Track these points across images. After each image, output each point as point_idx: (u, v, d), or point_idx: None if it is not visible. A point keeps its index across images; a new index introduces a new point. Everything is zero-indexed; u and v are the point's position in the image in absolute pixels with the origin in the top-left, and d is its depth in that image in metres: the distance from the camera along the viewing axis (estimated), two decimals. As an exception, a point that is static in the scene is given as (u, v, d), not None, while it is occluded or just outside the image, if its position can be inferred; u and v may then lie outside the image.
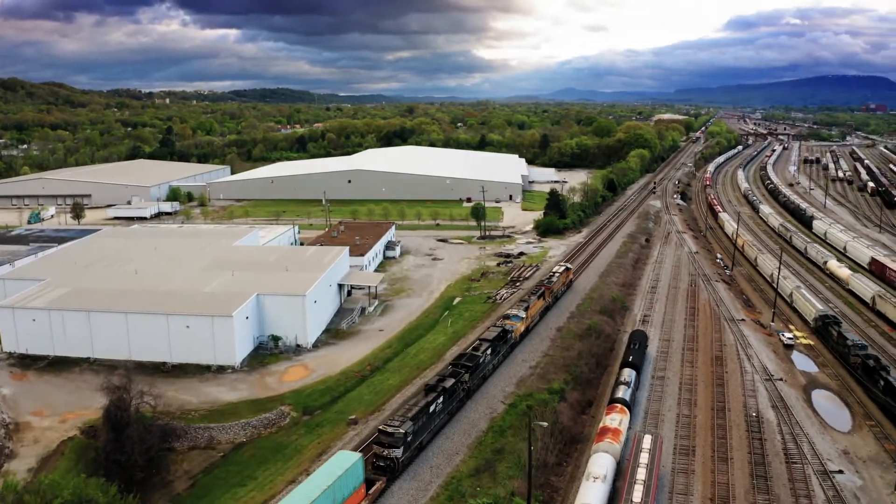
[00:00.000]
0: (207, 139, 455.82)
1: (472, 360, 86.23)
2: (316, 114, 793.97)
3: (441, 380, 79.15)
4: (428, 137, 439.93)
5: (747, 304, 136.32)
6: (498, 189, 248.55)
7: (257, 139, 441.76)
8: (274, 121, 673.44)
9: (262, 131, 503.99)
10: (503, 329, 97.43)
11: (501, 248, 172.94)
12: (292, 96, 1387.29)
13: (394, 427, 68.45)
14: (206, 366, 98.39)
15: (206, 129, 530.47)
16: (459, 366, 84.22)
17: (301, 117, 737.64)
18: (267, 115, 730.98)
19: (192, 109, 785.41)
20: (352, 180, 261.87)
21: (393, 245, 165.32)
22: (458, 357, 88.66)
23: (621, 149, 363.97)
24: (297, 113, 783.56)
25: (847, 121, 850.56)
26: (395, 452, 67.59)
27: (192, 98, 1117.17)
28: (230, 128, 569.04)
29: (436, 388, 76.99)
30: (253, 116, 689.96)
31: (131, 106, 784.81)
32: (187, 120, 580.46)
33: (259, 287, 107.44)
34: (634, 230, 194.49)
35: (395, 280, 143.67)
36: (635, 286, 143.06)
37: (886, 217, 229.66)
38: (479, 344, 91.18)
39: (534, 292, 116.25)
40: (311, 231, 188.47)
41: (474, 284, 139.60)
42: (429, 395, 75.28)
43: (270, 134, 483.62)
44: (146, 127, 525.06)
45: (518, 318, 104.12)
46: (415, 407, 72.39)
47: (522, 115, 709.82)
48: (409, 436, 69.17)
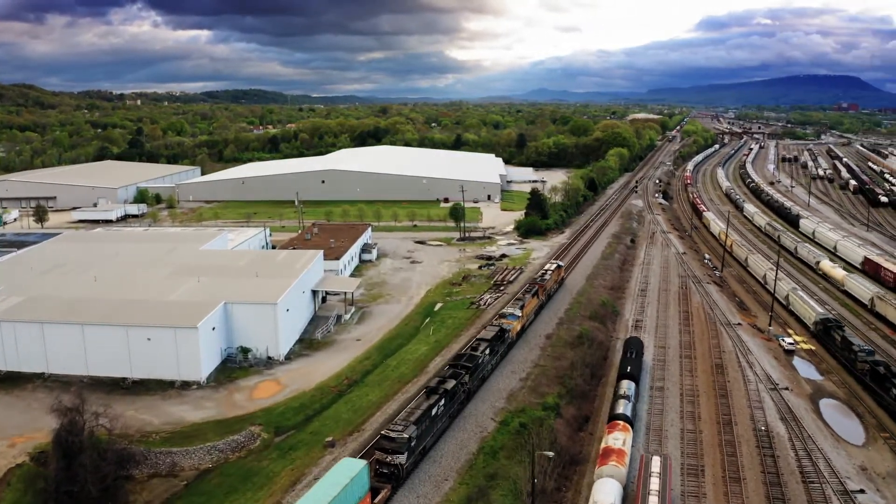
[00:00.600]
0: (178, 140, 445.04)
1: (472, 361, 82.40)
2: (289, 114, 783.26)
3: (442, 381, 75.30)
4: (402, 137, 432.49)
5: (741, 306, 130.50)
6: (476, 189, 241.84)
7: (229, 139, 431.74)
8: (246, 121, 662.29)
9: (233, 132, 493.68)
10: (501, 328, 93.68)
11: (482, 250, 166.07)
12: (265, 97, 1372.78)
13: (397, 432, 64.83)
14: (170, 381, 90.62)
15: (176, 130, 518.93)
16: (459, 366, 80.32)
17: (274, 118, 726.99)
18: (239, 116, 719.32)
19: (163, 111, 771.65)
20: (325, 180, 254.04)
21: (369, 248, 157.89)
22: (457, 357, 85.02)
23: (599, 147, 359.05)
24: (269, 114, 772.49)
25: (821, 120, 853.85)
26: (399, 459, 63.86)
27: (163, 99, 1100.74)
28: (202, 129, 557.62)
29: (437, 390, 73.10)
30: (225, 117, 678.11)
31: (102, 107, 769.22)
32: (158, 121, 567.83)
33: (227, 295, 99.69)
34: (619, 230, 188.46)
35: (372, 285, 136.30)
36: (624, 289, 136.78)
37: (872, 215, 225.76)
38: (478, 344, 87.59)
39: (528, 290, 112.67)
40: (283, 233, 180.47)
41: (456, 289, 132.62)
42: (430, 398, 71.42)
43: (242, 134, 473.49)
44: (116, 128, 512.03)
45: (514, 317, 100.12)
46: (417, 410, 68.66)
47: (497, 115, 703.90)
48: (413, 441, 65.50)
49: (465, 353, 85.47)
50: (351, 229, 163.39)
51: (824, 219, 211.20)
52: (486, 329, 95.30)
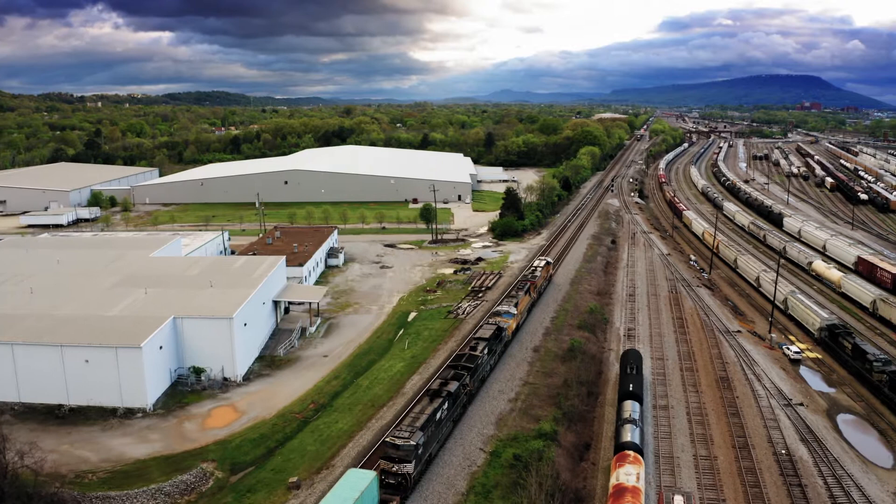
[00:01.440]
0: (137, 141, 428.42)
1: (473, 361, 77.96)
2: (251, 116, 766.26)
3: (444, 383, 70.86)
4: (368, 137, 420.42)
5: (736, 311, 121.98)
6: (446, 189, 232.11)
7: (189, 140, 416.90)
8: (208, 123, 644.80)
9: (194, 133, 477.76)
10: (497, 327, 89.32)
11: (457, 254, 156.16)
12: (228, 99, 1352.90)
13: (403, 439, 60.18)
14: (112, 409, 79.41)
15: (136, 132, 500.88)
16: (459, 367, 75.91)
17: (236, 119, 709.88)
18: (201, 118, 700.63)
19: (124, 112, 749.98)
20: (288, 181, 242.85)
21: (336, 252, 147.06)
22: (457, 357, 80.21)
23: (570, 146, 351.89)
24: (232, 115, 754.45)
25: (785, 119, 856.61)
26: (407, 468, 59.38)
27: (125, 102, 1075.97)
28: (162, 130, 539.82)
29: (440, 392, 68.78)
30: (186, 119, 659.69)
31: (62, 109, 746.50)
32: (118, 122, 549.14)
33: (177, 308, 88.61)
34: (598, 231, 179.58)
35: (339, 293, 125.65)
36: (611, 294, 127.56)
37: (853, 213, 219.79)
38: (476, 343, 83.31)
39: (520, 287, 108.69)
40: (243, 237, 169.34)
41: (430, 296, 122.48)
42: (434, 401, 67.02)
43: (203, 135, 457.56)
44: (75, 130, 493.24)
45: (510, 315, 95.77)
46: (422, 415, 64.00)
47: (462, 115, 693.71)
48: (420, 448, 60.94)
49: (464, 354, 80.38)
50: (316, 232, 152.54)
51: (807, 217, 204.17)
52: (482, 328, 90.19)
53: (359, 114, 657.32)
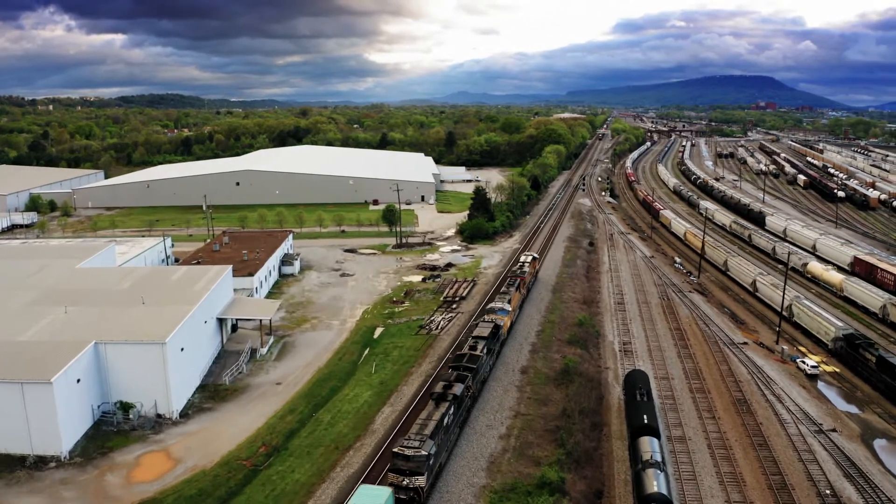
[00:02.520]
0: (85, 143, 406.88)
1: (475, 361, 72.33)
2: (205, 118, 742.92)
3: (448, 386, 65.32)
4: (324, 137, 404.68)
5: (734, 319, 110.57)
6: (409, 189, 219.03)
7: (139, 142, 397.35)
8: (160, 125, 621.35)
9: (144, 134, 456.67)
10: (495, 324, 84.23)
11: (424, 259, 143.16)
12: (182, 102, 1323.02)
13: (413, 448, 54.61)
14: (20, 457, 65.07)
15: (85, 134, 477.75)
16: (461, 368, 70.24)
17: (189, 121, 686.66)
18: (153, 120, 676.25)
19: (75, 115, 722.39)
20: (240, 182, 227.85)
21: (291, 259, 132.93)
22: (458, 358, 73.91)
23: (534, 145, 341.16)
24: (185, 117, 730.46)
25: (743, 118, 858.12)
26: (419, 481, 53.58)
27: (77, 105, 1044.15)
28: (112, 132, 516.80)
29: (445, 396, 63.38)
30: (138, 121, 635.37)
31: (11, 112, 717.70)
32: (67, 124, 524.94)
33: (100, 331, 74.28)
34: (573, 232, 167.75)
35: (295, 306, 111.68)
36: (598, 302, 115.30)
37: (836, 211, 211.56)
38: (475, 342, 77.78)
39: (510, 284, 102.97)
40: (190, 243, 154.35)
41: (398, 308, 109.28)
42: (440, 406, 61.69)
43: (154, 136, 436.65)
44: (22, 133, 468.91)
45: (504, 312, 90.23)
46: (430, 421, 58.66)
47: (421, 115, 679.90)
48: (432, 458, 55.24)
49: (464, 353, 74.52)
50: (269, 237, 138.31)
51: (790, 216, 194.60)
52: (478, 326, 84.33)
53: (315, 115, 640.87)
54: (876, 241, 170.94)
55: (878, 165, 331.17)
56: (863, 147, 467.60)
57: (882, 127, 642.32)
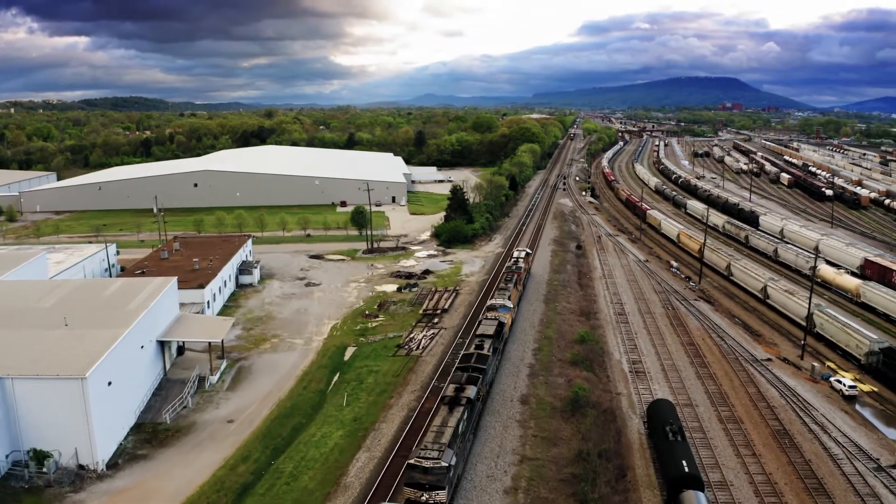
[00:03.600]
0: (41, 145, 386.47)
1: (484, 361, 66.91)
2: (168, 120, 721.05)
3: (460, 389, 59.44)
4: (290, 138, 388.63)
5: (749, 331, 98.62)
6: (379, 190, 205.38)
7: (97, 143, 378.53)
8: (122, 127, 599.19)
9: (102, 136, 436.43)
10: (499, 322, 78.11)
11: (398, 266, 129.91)
12: (146, 105, 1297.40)
13: (432, 459, 48.57)
14: None
15: (43, 136, 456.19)
16: (470, 369, 64.69)
17: (152, 123, 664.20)
18: (115, 122, 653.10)
19: (35, 118, 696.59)
20: (199, 183, 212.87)
21: (250, 267, 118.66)
22: (465, 358, 67.97)
23: (506, 144, 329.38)
24: (147, 119, 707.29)
25: (712, 118, 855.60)
26: (440, 496, 47.83)
27: (39, 108, 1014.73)
28: (72, 134, 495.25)
29: (458, 399, 57.56)
30: (99, 123, 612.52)
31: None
32: (25, 126, 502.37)
33: (7, 362, 60.16)
34: (558, 235, 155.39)
35: (254, 322, 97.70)
36: (596, 314, 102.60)
37: (830, 211, 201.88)
38: (482, 341, 71.89)
39: (508, 280, 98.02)
40: (141, 250, 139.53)
41: (371, 323, 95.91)
42: (454, 411, 55.61)
43: (112, 138, 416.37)
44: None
45: (506, 309, 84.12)
46: (446, 428, 52.78)
47: (388, 117, 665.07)
48: (452, 469, 49.58)
49: (472, 353, 68.66)
50: (224, 243, 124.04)
51: (786, 216, 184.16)
52: (481, 324, 77.97)
53: (281, 116, 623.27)
54: (875, 241, 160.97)
55: (858, 164, 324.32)
56: (837, 146, 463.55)
57: (852, 126, 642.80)
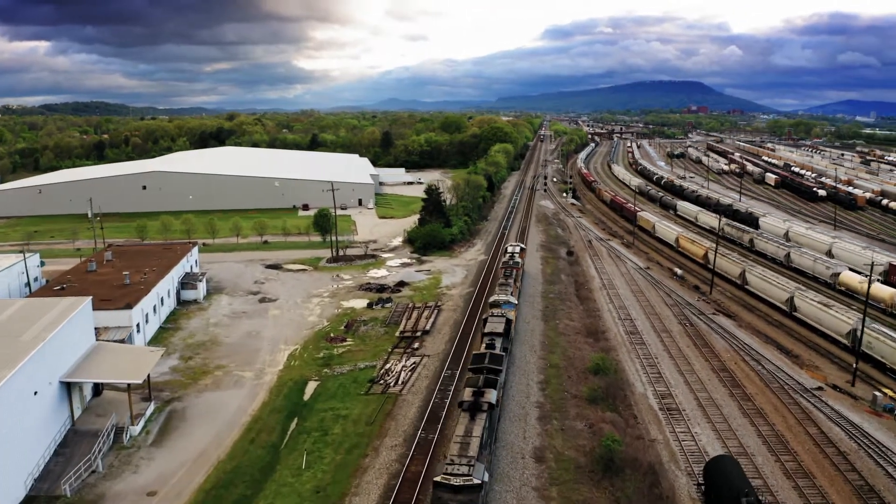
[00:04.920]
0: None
1: (499, 362, 60.46)
2: (129, 124, 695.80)
3: (479, 392, 51.59)
4: (250, 139, 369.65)
5: (783, 351, 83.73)
6: (345, 192, 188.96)
7: (49, 146, 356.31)
8: (79, 131, 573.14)
9: (55, 138, 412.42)
10: (507, 318, 72.42)
11: (368, 276, 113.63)
12: (108, 109, 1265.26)
13: (462, 477, 41.40)
14: None
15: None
16: (484, 370, 57.31)
17: (111, 127, 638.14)
18: (73, 126, 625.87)
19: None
20: (147, 186, 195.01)
21: (194, 280, 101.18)
22: (478, 358, 61.01)
23: (478, 145, 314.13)
24: (107, 122, 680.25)
25: (679, 121, 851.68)
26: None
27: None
28: (27, 138, 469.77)
29: (479, 405, 50.12)
30: (55, 126, 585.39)
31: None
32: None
33: None
34: (545, 239, 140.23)
35: (194, 349, 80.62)
36: (605, 332, 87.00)
37: (810, 210, 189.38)
38: (492, 340, 66.16)
39: (508, 275, 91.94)
40: (76, 260, 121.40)
41: (337, 349, 79.45)
42: (477, 418, 48.55)
43: (65, 140, 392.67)
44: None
45: (511, 305, 79.15)
46: (471, 438, 45.95)
47: (352, 119, 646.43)
48: (484, 487, 42.31)
49: (483, 353, 62.32)
50: (165, 252, 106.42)
51: (788, 218, 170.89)
52: (488, 321, 71.49)
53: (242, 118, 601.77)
54: (885, 243, 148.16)
55: (840, 163, 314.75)
56: (811, 146, 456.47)
57: (822, 128, 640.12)
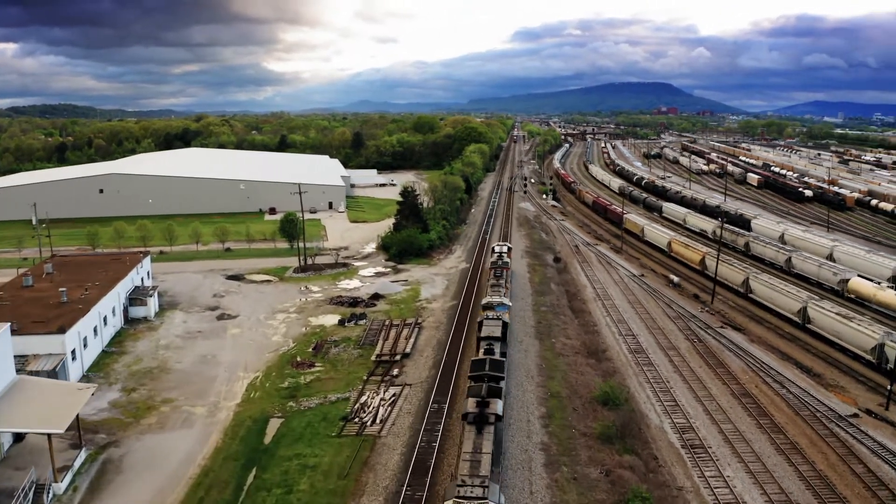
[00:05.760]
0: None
1: (500, 368, 55.39)
2: (93, 125, 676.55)
3: (483, 403, 47.65)
4: (217, 141, 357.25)
5: (803, 370, 75.08)
6: (314, 194, 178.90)
7: (10, 148, 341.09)
8: (45, 133, 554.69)
9: (15, 140, 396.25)
10: (503, 321, 68.43)
11: (339, 288, 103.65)
12: (76, 112, 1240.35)
13: (479, 499, 36.85)
14: None
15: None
16: (486, 378, 52.06)
17: (77, 129, 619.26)
18: (39, 128, 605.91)
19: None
20: (104, 189, 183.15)
21: (143, 295, 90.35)
22: (477, 365, 55.44)
23: (452, 145, 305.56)
24: (73, 125, 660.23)
25: (651, 122, 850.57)
26: None
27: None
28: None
29: (485, 417, 46.26)
30: (19, 129, 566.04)
31: None
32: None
33: None
34: (530, 245, 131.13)
35: (139, 378, 69.87)
36: (605, 351, 77.57)
37: (798, 211, 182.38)
38: (490, 345, 61.01)
39: (498, 276, 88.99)
40: (19, 270, 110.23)
41: (305, 377, 69.33)
42: (483, 431, 44.63)
43: (27, 142, 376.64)
44: None
45: (505, 308, 75.23)
46: (481, 454, 41.97)
47: (323, 121, 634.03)
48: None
49: (482, 359, 56.62)
50: (113, 263, 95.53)
51: (781, 220, 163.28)
52: (484, 325, 67.58)
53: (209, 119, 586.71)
54: (883, 245, 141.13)
55: (819, 163, 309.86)
56: (786, 146, 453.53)
57: (794, 128, 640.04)
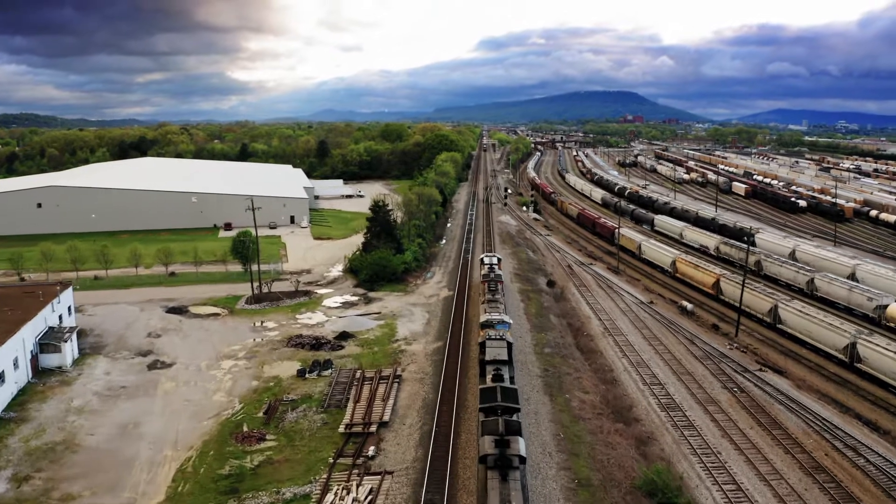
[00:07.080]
0: None
1: (513, 398, 48.34)
2: (49, 135, 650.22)
3: (502, 443, 40.39)
4: (175, 150, 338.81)
5: (871, 426, 60.98)
6: (274, 207, 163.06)
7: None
8: (1, 143, 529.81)
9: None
10: (507, 342, 60.90)
11: (300, 323, 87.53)
12: (37, 121, 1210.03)
13: None
14: None
15: None
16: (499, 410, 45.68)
17: (35, 139, 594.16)
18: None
19: None
20: (42, 203, 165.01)
21: (58, 340, 73.29)
22: (487, 396, 48.06)
23: (421, 154, 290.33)
24: (31, 134, 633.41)
25: (621, 130, 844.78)
26: None
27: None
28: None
29: (508, 460, 39.13)
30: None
31: None
32: None
33: None
34: (518, 266, 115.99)
35: (36, 458, 53.14)
36: (632, 408, 62.24)
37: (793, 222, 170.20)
38: (498, 370, 54.23)
39: (493, 290, 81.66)
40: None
41: (252, 457, 53.16)
42: (510, 479, 37.66)
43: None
44: None
45: (506, 325, 67.38)
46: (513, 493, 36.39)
47: (288, 129, 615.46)
48: None
49: (493, 387, 49.09)
50: (24, 298, 78.49)
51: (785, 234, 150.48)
52: (488, 347, 58.85)
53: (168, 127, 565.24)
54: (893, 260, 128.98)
55: (799, 171, 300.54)
56: (757, 153, 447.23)
57: (765, 135, 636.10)
